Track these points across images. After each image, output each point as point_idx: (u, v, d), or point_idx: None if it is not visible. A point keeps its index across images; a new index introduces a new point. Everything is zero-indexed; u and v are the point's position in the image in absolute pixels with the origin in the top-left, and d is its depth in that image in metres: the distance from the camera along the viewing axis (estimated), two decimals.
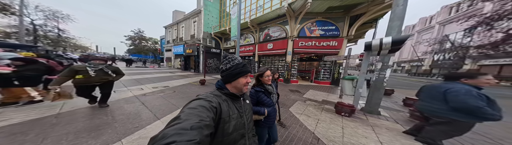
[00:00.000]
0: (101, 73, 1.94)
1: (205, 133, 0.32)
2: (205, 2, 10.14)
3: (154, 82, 5.25)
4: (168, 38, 15.93)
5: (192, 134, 0.29)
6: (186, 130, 0.30)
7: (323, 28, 5.90)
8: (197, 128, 0.31)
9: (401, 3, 2.34)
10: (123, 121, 1.82)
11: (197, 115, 0.36)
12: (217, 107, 0.45)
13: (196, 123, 0.33)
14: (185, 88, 4.40)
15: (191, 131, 0.30)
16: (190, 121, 0.33)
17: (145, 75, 6.97)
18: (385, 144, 1.45)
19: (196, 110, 0.38)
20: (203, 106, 0.41)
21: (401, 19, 2.36)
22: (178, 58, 14.06)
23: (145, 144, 1.32)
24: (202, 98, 0.46)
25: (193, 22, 11.50)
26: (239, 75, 0.55)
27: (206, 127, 0.33)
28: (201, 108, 0.40)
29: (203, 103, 0.42)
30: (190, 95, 3.52)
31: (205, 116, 0.37)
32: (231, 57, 0.57)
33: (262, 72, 0.95)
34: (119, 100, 2.74)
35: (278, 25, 6.78)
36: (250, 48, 8.63)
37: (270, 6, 7.19)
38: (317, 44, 5.89)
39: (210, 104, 0.43)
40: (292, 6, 5.40)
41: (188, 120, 0.33)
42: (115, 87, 2.30)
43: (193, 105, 0.41)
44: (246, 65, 0.58)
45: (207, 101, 0.44)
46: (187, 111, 0.38)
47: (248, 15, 8.13)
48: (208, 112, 0.39)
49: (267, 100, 0.95)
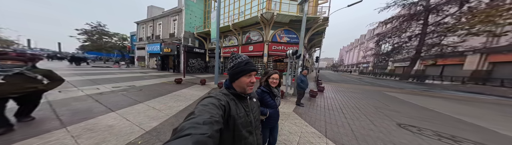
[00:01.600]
0: (18, 80, 1.31)
1: (215, 129, 0.33)
2: (187, 2, 10.07)
3: (116, 82, 4.74)
4: (140, 35, 14.33)
5: (205, 128, 0.31)
6: (199, 125, 0.32)
7: (288, 36, 7.38)
8: (208, 123, 0.33)
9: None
10: (69, 114, 1.85)
11: (208, 111, 0.38)
12: (225, 105, 0.46)
13: (208, 118, 0.35)
14: (156, 87, 4.22)
15: (204, 125, 0.32)
16: (203, 117, 0.35)
17: (105, 76, 6.17)
18: (284, 108, 2.72)
19: (208, 107, 0.40)
20: (213, 104, 0.43)
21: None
22: (153, 57, 12.85)
23: (94, 130, 1.51)
24: (213, 96, 0.48)
25: (173, 21, 11.04)
26: (241, 74, 0.53)
27: (216, 123, 0.35)
28: (212, 106, 0.41)
29: (213, 101, 0.44)
30: (160, 92, 3.45)
31: (215, 113, 0.39)
32: (235, 56, 0.56)
33: (270, 74, 1.04)
34: (65, 98, 2.55)
35: (257, 30, 7.74)
36: (234, 49, 9.18)
37: (250, 13, 8.05)
38: (285, 48, 7.22)
39: (219, 102, 0.45)
40: (264, 15, 6.55)
41: (201, 115, 0.35)
42: (60, 87, 1.70)
43: (205, 102, 0.43)
44: (250, 63, 0.55)
45: (216, 99, 0.46)
46: (200, 107, 0.40)
47: (232, 19, 8.72)
48: (217, 110, 0.41)
49: (271, 101, 1.00)
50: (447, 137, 1.78)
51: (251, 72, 0.54)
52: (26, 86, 1.35)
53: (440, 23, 7.73)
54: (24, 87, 1.34)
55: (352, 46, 38.79)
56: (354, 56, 35.96)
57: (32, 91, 1.40)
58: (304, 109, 2.77)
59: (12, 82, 1.29)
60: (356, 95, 4.52)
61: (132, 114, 2.03)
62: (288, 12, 6.84)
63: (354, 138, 1.64)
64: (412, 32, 9.13)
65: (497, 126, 2.25)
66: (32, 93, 1.43)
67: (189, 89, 4.25)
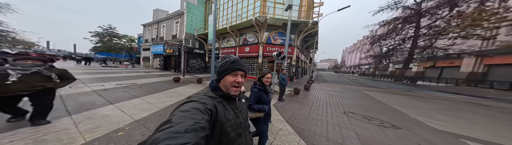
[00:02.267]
0: (35, 79, 1.38)
1: (201, 136, 0.30)
2: (188, 5, 10.62)
3: (121, 80, 5.13)
4: (146, 36, 15.17)
5: (187, 137, 0.27)
6: (180, 133, 0.28)
7: (282, 38, 7.68)
8: (192, 131, 0.30)
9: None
10: (75, 106, 2.20)
11: (191, 117, 0.34)
12: (212, 109, 0.42)
13: (191, 125, 0.31)
14: (155, 84, 4.59)
15: (186, 134, 0.28)
16: (184, 124, 0.31)
17: (112, 74, 6.65)
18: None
19: (189, 113, 0.36)
20: (197, 109, 0.38)
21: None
22: (157, 57, 13.54)
23: (93, 118, 1.74)
24: (196, 100, 0.43)
25: (175, 23, 11.64)
26: (225, 72, 0.51)
27: (201, 129, 0.32)
28: (195, 111, 0.37)
29: (197, 106, 0.40)
30: (157, 89, 3.80)
31: (200, 118, 0.35)
32: (225, 56, 0.55)
33: (264, 74, 1.13)
34: (74, 93, 2.94)
35: (253, 32, 8.05)
36: (232, 50, 9.53)
37: (246, 16, 8.38)
38: (279, 49, 7.46)
39: (204, 106, 0.41)
40: (258, 19, 6.90)
41: (182, 123, 0.31)
42: (71, 84, 1.79)
43: (186, 107, 0.38)
44: (237, 62, 0.53)
45: (201, 103, 0.42)
46: (179, 114, 0.35)
47: (230, 21, 9.10)
48: (202, 115, 0.37)
49: (266, 98, 1.08)
50: (367, 118, 2.44)
51: (236, 71, 0.51)
52: (34, 85, 1.39)
53: (431, 26, 7.79)
54: (33, 85, 1.38)
55: (354, 47, 38.06)
56: (356, 57, 35.33)
57: (41, 89, 1.43)
58: (283, 103, 3.08)
59: (25, 80, 1.32)
60: (335, 93, 4.96)
61: (128, 107, 2.35)
62: (282, 16, 7.13)
63: (304, 121, 2.14)
64: (405, 35, 9.22)
65: (414, 113, 2.91)
66: (42, 92, 1.46)
67: (185, 87, 4.58)
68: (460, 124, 2.39)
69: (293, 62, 8.10)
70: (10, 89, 1.30)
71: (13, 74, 1.30)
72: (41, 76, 1.43)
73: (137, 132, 1.55)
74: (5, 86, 1.26)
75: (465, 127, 2.25)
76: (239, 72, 0.52)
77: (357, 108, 3.04)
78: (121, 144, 1.32)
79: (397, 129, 2.03)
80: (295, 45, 7.79)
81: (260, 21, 7.03)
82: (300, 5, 7.61)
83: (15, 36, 15.27)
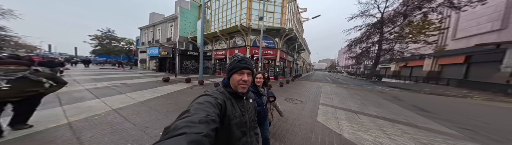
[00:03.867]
0: (23, 84, 1.33)
1: (211, 128, 0.32)
2: (182, 10, 11.26)
3: (114, 80, 5.47)
4: (143, 39, 15.76)
5: (200, 127, 0.30)
6: (195, 123, 0.31)
7: (266, 41, 8.45)
8: (204, 122, 0.32)
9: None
10: (67, 99, 2.63)
11: (204, 110, 0.37)
12: (222, 104, 0.45)
13: (204, 117, 0.34)
14: (144, 84, 4.98)
15: (199, 124, 0.31)
16: (198, 115, 0.34)
17: (107, 76, 7.03)
18: None
19: (203, 106, 0.39)
20: (210, 102, 0.42)
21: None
22: (153, 59, 14.04)
23: (79, 107, 2.21)
24: (209, 94, 0.47)
25: (169, 26, 12.24)
26: (232, 71, 0.53)
27: (212, 121, 0.34)
28: (208, 104, 0.41)
29: (210, 99, 0.43)
30: (144, 87, 4.18)
31: (211, 112, 0.38)
32: (234, 55, 0.58)
33: (255, 74, 1.10)
34: (68, 90, 3.34)
35: (241, 36, 8.70)
36: (223, 52, 10.12)
37: (235, 21, 8.99)
38: (264, 52, 8.15)
39: (216, 100, 0.44)
40: (244, 25, 7.70)
41: (196, 114, 0.34)
42: (68, 84, 1.78)
43: (201, 100, 0.42)
44: (244, 61, 0.55)
45: (213, 98, 0.45)
46: (196, 105, 0.39)
47: (221, 25, 9.74)
48: (214, 108, 0.40)
49: (258, 100, 1.07)
50: (294, 100, 3.52)
51: (242, 70, 0.53)
52: (26, 90, 1.33)
53: (392, 32, 9.32)
54: (25, 90, 1.33)
55: (347, 48, 38.98)
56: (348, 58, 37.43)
57: (32, 94, 1.39)
58: None
59: (15, 86, 1.27)
60: (299, 87, 6.01)
61: (111, 100, 2.77)
62: (265, 22, 7.94)
63: None
64: (373, 39, 10.84)
65: (327, 96, 4.15)
66: (32, 97, 1.41)
67: (171, 85, 4.98)
68: (338, 100, 3.74)
69: (277, 62, 8.72)
70: (0, 95, 1.22)
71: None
72: (30, 81, 1.35)
73: (110, 117, 1.96)
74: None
75: (336, 101, 3.58)
76: (245, 71, 0.54)
77: (297, 96, 4.07)
78: (94, 123, 1.74)
79: (300, 103, 3.21)
80: (278, 48, 8.54)
81: (246, 27, 7.73)
82: (281, 12, 8.42)
83: (18, 40, 15.95)
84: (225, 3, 9.45)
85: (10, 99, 1.31)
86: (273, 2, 8.13)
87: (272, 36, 8.50)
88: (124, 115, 2.02)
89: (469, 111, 3.11)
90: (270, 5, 8.25)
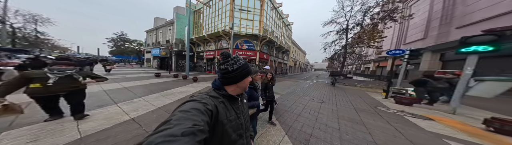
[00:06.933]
0: (68, 81, 1.63)
1: (198, 139, 0.29)
2: (178, 16, 12.91)
3: (117, 75, 6.71)
4: (148, 41, 17.94)
5: (184, 141, 0.26)
6: (177, 137, 0.27)
7: (247, 44, 9.97)
8: (190, 134, 0.28)
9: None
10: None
11: (190, 119, 0.33)
12: (212, 110, 0.41)
13: (189, 128, 0.30)
14: (139, 77, 6.31)
15: (183, 137, 0.27)
16: (182, 126, 0.29)
17: (113, 71, 8.28)
18: None
19: (189, 114, 0.35)
20: (197, 109, 0.37)
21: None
22: (155, 59, 16.09)
23: None
24: (197, 100, 0.42)
25: (168, 30, 14.01)
26: (246, 75, 0.53)
27: (199, 132, 0.31)
28: (195, 111, 0.36)
29: (197, 106, 0.39)
30: (137, 79, 5.39)
31: (199, 120, 0.34)
32: (236, 57, 0.52)
33: (256, 72, 1.20)
34: None
35: (226, 39, 10.07)
36: (212, 53, 11.67)
37: (221, 27, 10.40)
38: (245, 53, 9.68)
39: (205, 106, 0.40)
40: (225, 30, 9.20)
41: (180, 125, 0.30)
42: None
43: (186, 107, 0.37)
44: (247, 63, 0.55)
45: (202, 103, 0.41)
46: (179, 114, 0.34)
47: (210, 30, 11.22)
48: (202, 116, 0.36)
49: (256, 94, 1.16)
50: None
51: (258, 73, 0.56)
52: (71, 85, 1.66)
53: (353, 37, 10.90)
54: (70, 86, 1.65)
55: None
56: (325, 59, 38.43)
57: (75, 89, 1.70)
58: None
59: (62, 81, 1.57)
60: (278, 83, 6.70)
61: (105, 86, 4.15)
62: (246, 28, 9.73)
63: None
64: (340, 43, 12.22)
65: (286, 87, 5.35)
66: (76, 92, 1.73)
67: (159, 79, 6.36)
68: (286, 89, 5.05)
69: (256, 62, 10.01)
70: (53, 89, 1.54)
71: (52, 77, 1.53)
72: (72, 78, 1.67)
73: (101, 94, 3.30)
74: (48, 87, 1.51)
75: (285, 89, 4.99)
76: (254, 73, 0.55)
77: None
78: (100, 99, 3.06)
79: None
80: (257, 50, 10.00)
81: (228, 32, 9.12)
82: (260, 20, 9.96)
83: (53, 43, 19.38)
84: (214, 11, 10.96)
85: (60, 93, 1.63)
86: (253, 12, 9.76)
87: (251, 40, 9.94)
88: (109, 94, 3.35)
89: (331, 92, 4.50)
90: (250, 14, 9.87)
